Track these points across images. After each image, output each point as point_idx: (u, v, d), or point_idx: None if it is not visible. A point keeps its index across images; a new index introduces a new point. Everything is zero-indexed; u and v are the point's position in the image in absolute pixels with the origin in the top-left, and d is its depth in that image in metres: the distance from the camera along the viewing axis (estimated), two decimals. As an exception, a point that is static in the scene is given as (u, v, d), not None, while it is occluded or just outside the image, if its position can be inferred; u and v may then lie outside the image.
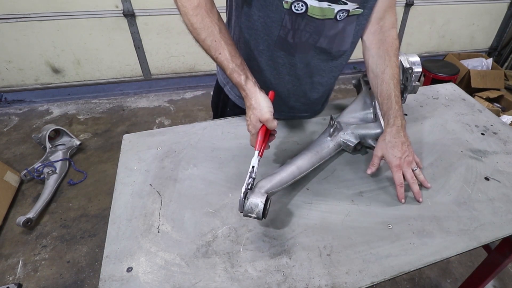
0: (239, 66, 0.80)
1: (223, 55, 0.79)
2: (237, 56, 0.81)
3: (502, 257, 1.01)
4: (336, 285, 0.67)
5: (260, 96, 0.78)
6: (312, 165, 0.89)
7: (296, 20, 0.85)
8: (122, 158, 0.96)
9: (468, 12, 3.43)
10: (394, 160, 0.85)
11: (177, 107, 2.96)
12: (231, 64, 0.79)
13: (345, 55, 0.99)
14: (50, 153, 2.23)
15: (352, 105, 1.06)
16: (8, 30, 2.48)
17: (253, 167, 0.72)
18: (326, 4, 0.82)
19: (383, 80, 0.91)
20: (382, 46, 0.93)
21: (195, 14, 0.77)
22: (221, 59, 0.80)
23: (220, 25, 0.79)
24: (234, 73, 0.79)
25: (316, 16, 0.84)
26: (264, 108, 0.77)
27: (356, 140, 0.96)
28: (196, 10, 0.77)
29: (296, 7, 0.82)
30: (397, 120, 0.87)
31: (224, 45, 0.79)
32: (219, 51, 0.79)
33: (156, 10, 2.67)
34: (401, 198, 0.84)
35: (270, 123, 0.77)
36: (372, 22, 0.94)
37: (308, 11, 0.83)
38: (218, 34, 0.78)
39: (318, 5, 0.82)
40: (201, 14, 0.77)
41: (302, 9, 0.82)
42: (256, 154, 0.74)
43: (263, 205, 0.69)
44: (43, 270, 1.68)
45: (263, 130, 0.77)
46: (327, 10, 0.84)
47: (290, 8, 0.82)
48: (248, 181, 0.71)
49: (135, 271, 0.69)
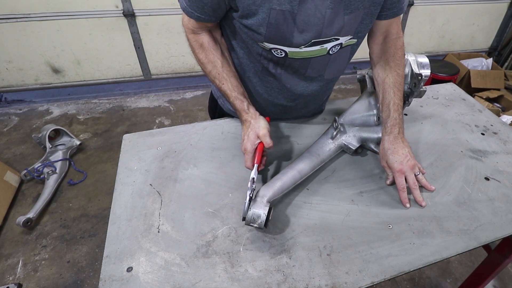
0: (241, 94, 0.91)
1: (226, 86, 0.91)
2: (239, 86, 0.92)
3: (502, 257, 1.01)
4: (336, 285, 0.67)
5: (261, 118, 0.89)
6: (313, 168, 0.89)
7: (278, 60, 0.88)
8: (122, 158, 0.96)
9: (468, 12, 3.43)
10: (396, 166, 0.85)
11: (177, 107, 2.96)
12: (233, 93, 0.91)
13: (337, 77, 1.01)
14: (50, 153, 2.23)
15: (356, 105, 1.04)
16: (8, 30, 2.48)
17: (253, 178, 0.76)
18: (318, 47, 0.82)
19: (384, 88, 0.93)
20: (384, 56, 0.95)
21: (200, 52, 0.90)
22: (224, 88, 0.92)
23: (223, 60, 0.91)
24: (237, 100, 0.91)
25: (300, 57, 0.85)
26: (262, 124, 0.87)
27: (358, 144, 0.96)
28: (201, 49, 0.90)
29: (275, 52, 0.84)
30: (394, 128, 0.88)
31: (226, 77, 0.91)
32: (222, 82, 0.91)
33: (156, 10, 2.67)
34: (405, 203, 0.84)
35: (267, 138, 0.85)
36: (376, 34, 0.94)
37: (288, 55, 0.84)
38: (221, 68, 0.90)
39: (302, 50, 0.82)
40: (205, 52, 0.90)
41: (282, 54, 0.84)
42: (255, 167, 0.80)
43: (265, 216, 0.70)
44: (43, 270, 1.68)
45: (260, 147, 0.85)
46: (318, 50, 0.84)
47: (269, 50, 0.84)
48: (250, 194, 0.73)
49: (135, 271, 0.69)
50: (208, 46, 0.89)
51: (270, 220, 0.72)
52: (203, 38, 0.89)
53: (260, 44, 0.83)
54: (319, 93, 1.02)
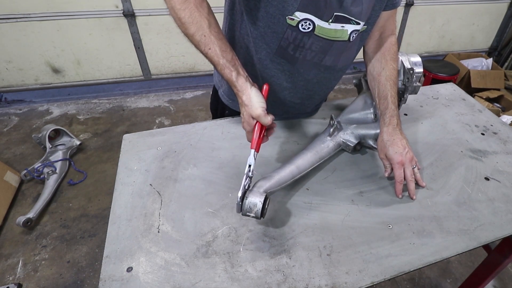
0: (230, 62, 0.77)
1: (213, 50, 0.76)
2: (228, 51, 0.78)
3: (502, 257, 1.01)
4: (336, 285, 0.67)
5: (252, 92, 0.76)
6: (312, 164, 0.89)
7: (302, 38, 0.84)
8: (122, 158, 0.96)
9: (468, 12, 3.43)
10: (396, 157, 0.85)
11: (177, 107, 2.96)
12: (221, 60, 0.77)
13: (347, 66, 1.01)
14: (50, 153, 2.23)
15: (353, 105, 1.06)
16: (8, 30, 2.48)
17: (250, 166, 0.71)
18: (340, 26, 0.82)
19: (380, 81, 0.94)
20: (380, 50, 0.97)
21: (183, 8, 0.74)
22: (211, 54, 0.77)
23: (210, 19, 0.76)
24: (225, 69, 0.77)
25: (325, 36, 0.84)
26: (255, 103, 0.75)
27: (356, 140, 0.96)
28: (184, 4, 0.74)
29: (303, 26, 0.81)
30: (393, 119, 0.89)
31: (214, 40, 0.76)
32: (209, 46, 0.76)
33: (156, 10, 2.67)
34: (399, 194, 0.86)
35: (263, 118, 0.74)
36: (373, 30, 0.95)
37: (315, 30, 0.82)
38: (208, 28, 0.75)
39: (329, 27, 0.82)
40: (189, 8, 0.74)
41: (310, 27, 0.81)
42: (252, 152, 0.73)
43: (261, 204, 0.69)
44: (43, 270, 1.68)
45: (258, 126, 0.75)
46: (341, 32, 0.84)
47: (296, 26, 0.81)
48: (245, 182, 0.70)
49: (135, 271, 0.69)
50: (194, 1, 0.74)
51: (267, 213, 0.72)
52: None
53: (289, 17, 0.79)
54: (327, 82, 1.00)
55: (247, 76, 0.78)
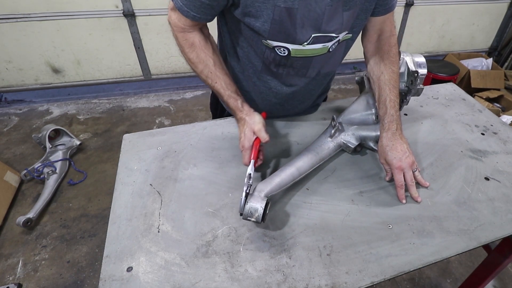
0: (234, 92, 0.90)
1: (219, 84, 0.89)
2: (232, 84, 0.91)
3: (502, 257, 1.01)
4: (336, 285, 0.67)
5: (256, 115, 0.88)
6: (312, 166, 0.89)
7: (281, 60, 0.88)
8: (122, 158, 0.96)
9: (468, 12, 3.43)
10: (395, 162, 0.85)
11: (177, 107, 2.96)
12: (227, 92, 0.89)
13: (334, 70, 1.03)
14: (50, 153, 2.23)
15: (354, 105, 1.05)
16: (8, 30, 2.48)
17: (250, 174, 0.76)
18: (321, 45, 0.84)
19: (379, 85, 0.94)
20: (378, 53, 0.96)
21: (191, 51, 0.87)
22: (217, 87, 0.90)
23: (215, 58, 0.89)
24: (231, 99, 0.89)
25: (303, 55, 0.86)
26: (257, 120, 0.86)
27: (357, 142, 0.96)
28: (191, 48, 0.87)
29: (279, 50, 0.85)
30: (391, 124, 0.89)
31: (219, 75, 0.89)
32: (215, 81, 0.89)
33: (156, 10, 2.67)
34: (402, 199, 0.85)
35: (263, 133, 0.84)
36: (370, 32, 0.96)
37: (291, 53, 0.85)
38: (213, 66, 0.88)
39: (305, 48, 0.83)
40: (196, 51, 0.87)
41: (285, 52, 0.85)
42: (252, 162, 0.80)
43: (262, 210, 0.70)
44: (43, 270, 1.68)
45: (256, 142, 0.85)
46: (321, 49, 0.85)
47: (273, 48, 0.84)
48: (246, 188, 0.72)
49: (135, 271, 0.69)
50: (199, 44, 0.87)
51: (267, 216, 0.72)
52: (194, 36, 0.86)
53: (264, 42, 0.83)
54: (315, 88, 1.04)
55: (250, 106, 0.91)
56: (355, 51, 1.01)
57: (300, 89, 1.00)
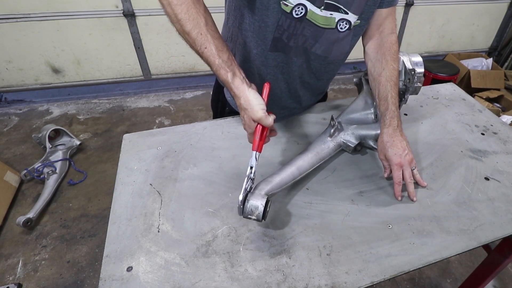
0: (226, 62, 0.75)
1: (209, 50, 0.74)
2: (224, 50, 0.75)
3: (502, 257, 1.01)
4: (336, 285, 0.67)
5: (249, 94, 0.74)
6: (312, 165, 0.89)
7: (295, 25, 0.86)
8: (122, 158, 0.96)
9: (468, 12, 3.43)
10: (395, 159, 0.85)
11: (177, 107, 2.96)
12: (217, 60, 0.74)
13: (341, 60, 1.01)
14: (50, 153, 2.23)
15: (353, 105, 1.06)
16: (8, 30, 2.48)
17: (251, 167, 0.72)
18: (329, 14, 0.84)
19: (380, 82, 0.93)
20: (380, 50, 0.96)
21: (180, 3, 0.72)
22: (206, 54, 0.74)
23: (207, 17, 0.74)
24: (221, 70, 0.75)
25: (316, 22, 0.85)
26: (255, 106, 0.73)
27: (356, 141, 0.96)
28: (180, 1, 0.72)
29: (297, 11, 0.82)
30: (393, 120, 0.88)
31: (210, 39, 0.73)
32: (205, 45, 0.74)
33: (156, 10, 2.67)
34: (398, 196, 0.85)
35: (264, 120, 0.73)
36: (372, 28, 0.96)
37: (307, 14, 0.84)
38: (205, 26, 0.73)
39: (320, 13, 0.83)
40: (186, 3, 0.72)
41: (302, 12, 0.83)
42: (253, 154, 0.73)
43: (263, 207, 0.69)
44: (43, 270, 1.68)
45: (259, 128, 0.74)
46: (329, 20, 0.85)
47: (290, 12, 0.83)
48: (246, 184, 0.70)
49: (135, 271, 0.69)
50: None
51: (268, 215, 0.72)
52: None
53: (283, 3, 0.80)
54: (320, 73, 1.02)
55: (243, 78, 0.76)
56: (355, 51, 1.01)
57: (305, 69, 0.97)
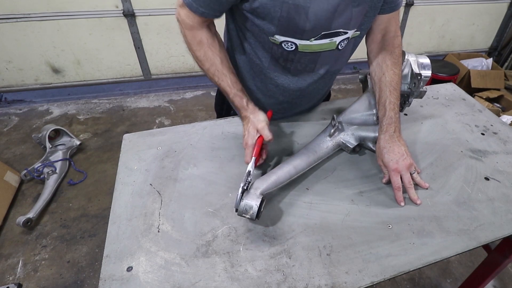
0: (240, 91, 0.90)
1: (225, 82, 0.90)
2: (238, 82, 0.91)
3: (502, 257, 1.01)
4: (336, 285, 0.67)
5: (260, 112, 0.89)
6: (309, 164, 0.89)
7: (288, 54, 0.88)
8: (122, 157, 0.96)
9: (468, 12, 3.43)
10: (391, 164, 0.85)
11: (177, 107, 2.96)
12: (233, 90, 0.89)
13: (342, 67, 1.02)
14: (50, 153, 2.23)
15: (356, 104, 1.04)
16: (8, 30, 2.48)
17: (249, 171, 0.76)
18: (328, 40, 0.84)
19: (380, 87, 0.94)
20: (381, 54, 0.96)
21: (199, 49, 0.88)
22: (223, 85, 0.90)
23: (221, 56, 0.89)
24: (236, 97, 0.89)
25: (310, 50, 0.86)
26: (261, 118, 0.87)
27: (356, 142, 0.96)
28: (199, 46, 0.87)
29: (286, 45, 0.85)
30: (390, 127, 0.88)
31: (225, 73, 0.89)
32: (222, 79, 0.90)
33: (156, 10, 2.67)
34: (400, 201, 0.85)
35: (266, 131, 0.85)
36: (375, 32, 0.95)
37: (298, 48, 0.85)
38: (220, 64, 0.89)
39: (312, 43, 0.84)
40: (203, 48, 0.87)
41: (292, 47, 0.85)
42: (253, 160, 0.80)
43: (257, 207, 0.70)
44: (43, 270, 1.68)
45: (259, 140, 0.84)
46: (328, 44, 0.86)
47: (280, 44, 0.85)
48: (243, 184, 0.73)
49: (135, 271, 0.69)
50: (207, 42, 0.87)
51: (262, 213, 0.72)
52: (202, 34, 0.86)
53: (271, 38, 0.83)
54: (323, 87, 1.04)
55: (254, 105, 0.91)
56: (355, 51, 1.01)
57: (308, 87, 0.99)
